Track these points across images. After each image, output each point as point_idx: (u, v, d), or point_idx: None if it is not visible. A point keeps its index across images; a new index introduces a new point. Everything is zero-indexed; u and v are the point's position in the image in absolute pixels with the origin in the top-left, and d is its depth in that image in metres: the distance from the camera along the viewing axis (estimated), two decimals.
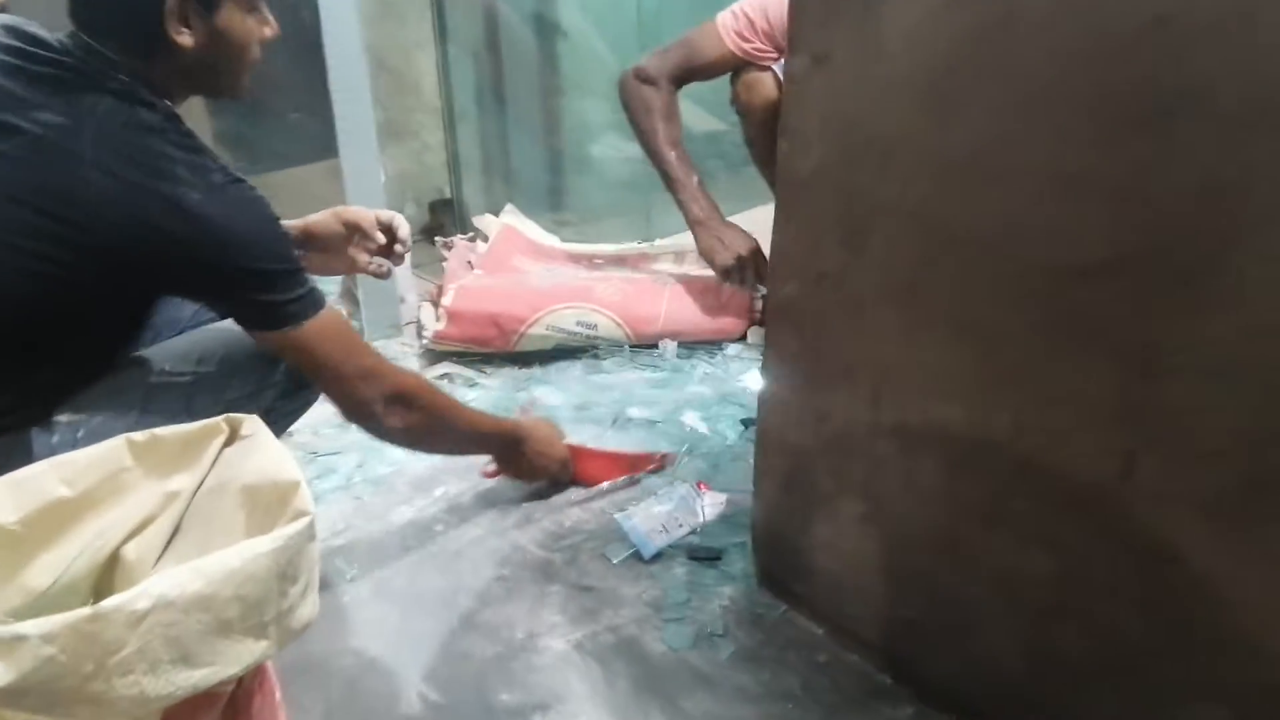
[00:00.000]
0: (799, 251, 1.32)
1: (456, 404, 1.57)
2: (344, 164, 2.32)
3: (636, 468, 1.81)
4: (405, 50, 2.98)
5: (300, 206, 3.23)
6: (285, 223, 1.55)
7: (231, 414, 1.06)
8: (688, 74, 2.33)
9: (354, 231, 1.63)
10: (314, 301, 1.30)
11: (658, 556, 1.62)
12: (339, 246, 1.63)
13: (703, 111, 3.51)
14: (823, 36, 1.19)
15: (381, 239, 1.64)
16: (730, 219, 2.35)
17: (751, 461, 1.81)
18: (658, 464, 1.82)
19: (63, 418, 1.27)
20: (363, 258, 1.65)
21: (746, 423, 1.96)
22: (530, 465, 1.72)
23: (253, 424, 1.05)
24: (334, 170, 3.36)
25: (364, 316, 2.44)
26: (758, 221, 2.44)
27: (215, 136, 2.89)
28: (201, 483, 1.04)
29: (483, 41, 3.00)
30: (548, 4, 2.98)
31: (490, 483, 1.83)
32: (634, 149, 3.18)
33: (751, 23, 2.22)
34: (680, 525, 1.65)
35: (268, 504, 0.96)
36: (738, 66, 2.28)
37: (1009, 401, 1.13)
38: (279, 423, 1.50)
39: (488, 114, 3.09)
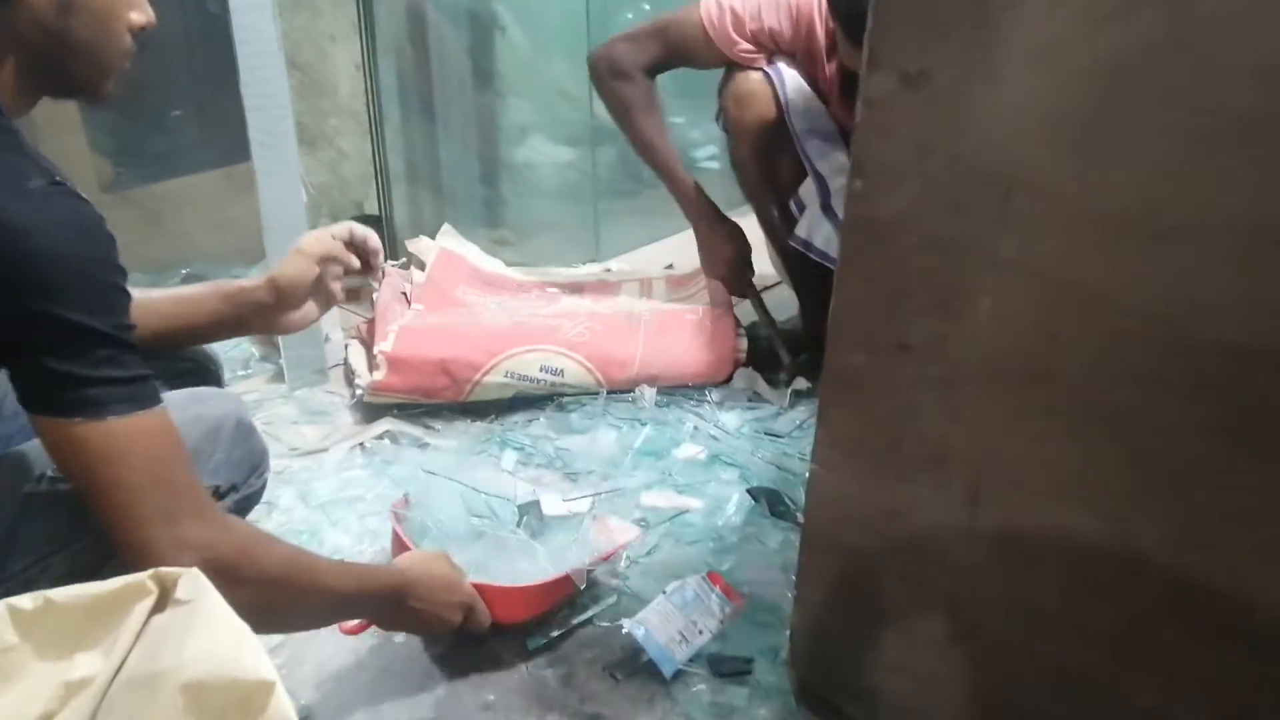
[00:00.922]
0: (871, 314, 1.12)
1: (306, 562, 1.15)
2: (259, 172, 2.07)
3: (557, 593, 1.51)
4: (319, 45, 2.73)
5: (196, 219, 2.99)
6: (246, 282, 1.35)
7: (161, 568, 0.82)
8: (665, 67, 2.19)
9: (326, 264, 1.41)
10: (138, 394, 0.97)
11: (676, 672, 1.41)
12: (315, 289, 1.41)
13: (687, 102, 3.33)
14: (918, 52, 0.99)
15: (356, 261, 1.45)
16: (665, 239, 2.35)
17: (766, 544, 1.64)
18: (572, 590, 1.52)
19: None
20: (336, 286, 1.45)
21: (755, 495, 1.76)
22: (422, 620, 1.34)
23: (192, 583, 0.81)
24: (232, 178, 3.12)
25: (284, 360, 2.18)
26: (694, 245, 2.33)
27: (90, 143, 2.61)
28: (119, 669, 0.78)
29: (407, 36, 2.76)
30: (485, 10, 2.75)
31: None
32: (575, 155, 3.00)
33: (739, 19, 2.02)
34: (700, 632, 1.45)
35: (221, 710, 0.73)
36: (723, 65, 2.08)
37: (1164, 513, 0.95)
38: None
39: (413, 118, 2.85)
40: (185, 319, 1.32)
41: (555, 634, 1.50)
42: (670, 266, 2.59)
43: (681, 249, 2.61)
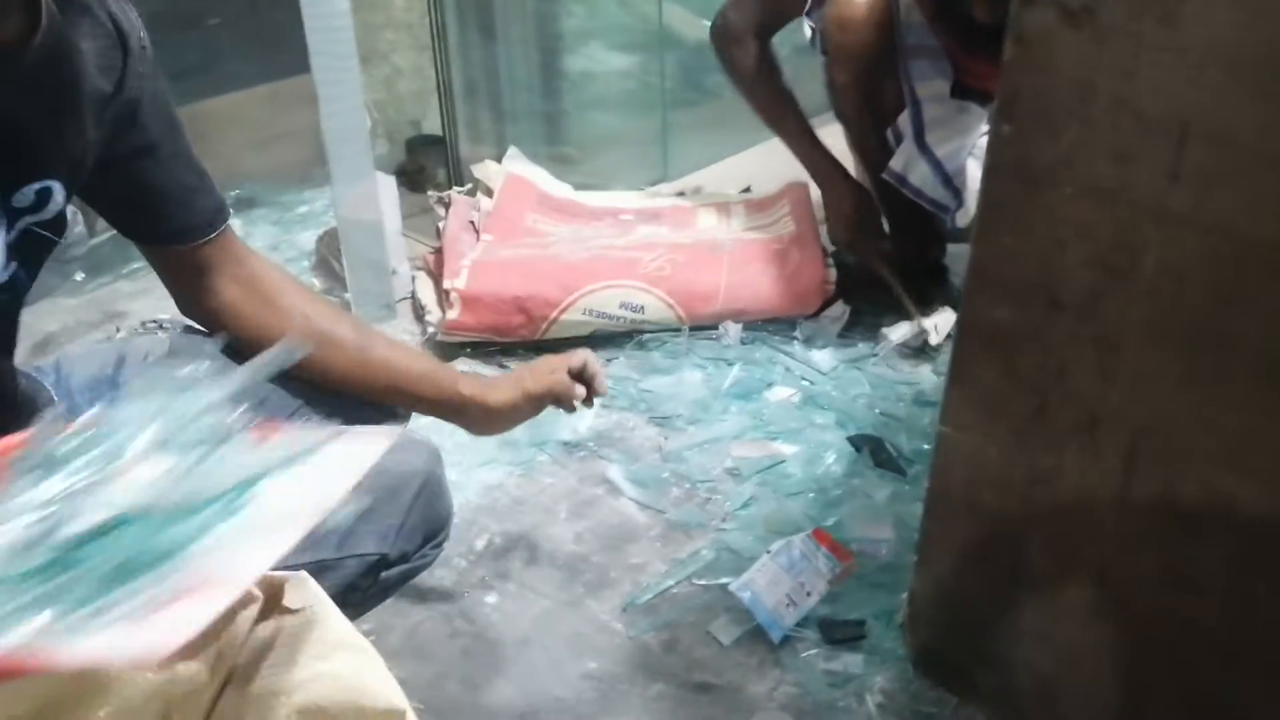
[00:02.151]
0: (1019, 267, 1.08)
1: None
2: (321, 96, 2.02)
3: None
4: None
5: (242, 138, 2.95)
6: (466, 387, 1.30)
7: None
8: (774, 24, 2.16)
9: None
10: None
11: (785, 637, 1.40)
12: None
13: (695, 15, 3.25)
14: None
15: (582, 393, 1.39)
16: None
17: (873, 497, 1.61)
18: None
19: None
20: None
21: (857, 443, 1.73)
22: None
23: (303, 589, 0.77)
24: (278, 95, 3.09)
25: (350, 295, 2.16)
26: (776, 151, 2.29)
27: None
28: (225, 683, 0.75)
29: None
30: None
31: (543, 529, 1.60)
32: (641, 63, 2.94)
33: None
34: (809, 594, 1.43)
35: None
36: None
37: None
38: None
39: (472, 32, 2.79)
40: (392, 381, 1.25)
41: (651, 595, 1.49)
42: (748, 189, 2.54)
43: (755, 165, 2.55)
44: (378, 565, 1.12)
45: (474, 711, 1.35)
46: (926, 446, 1.70)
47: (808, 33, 2.03)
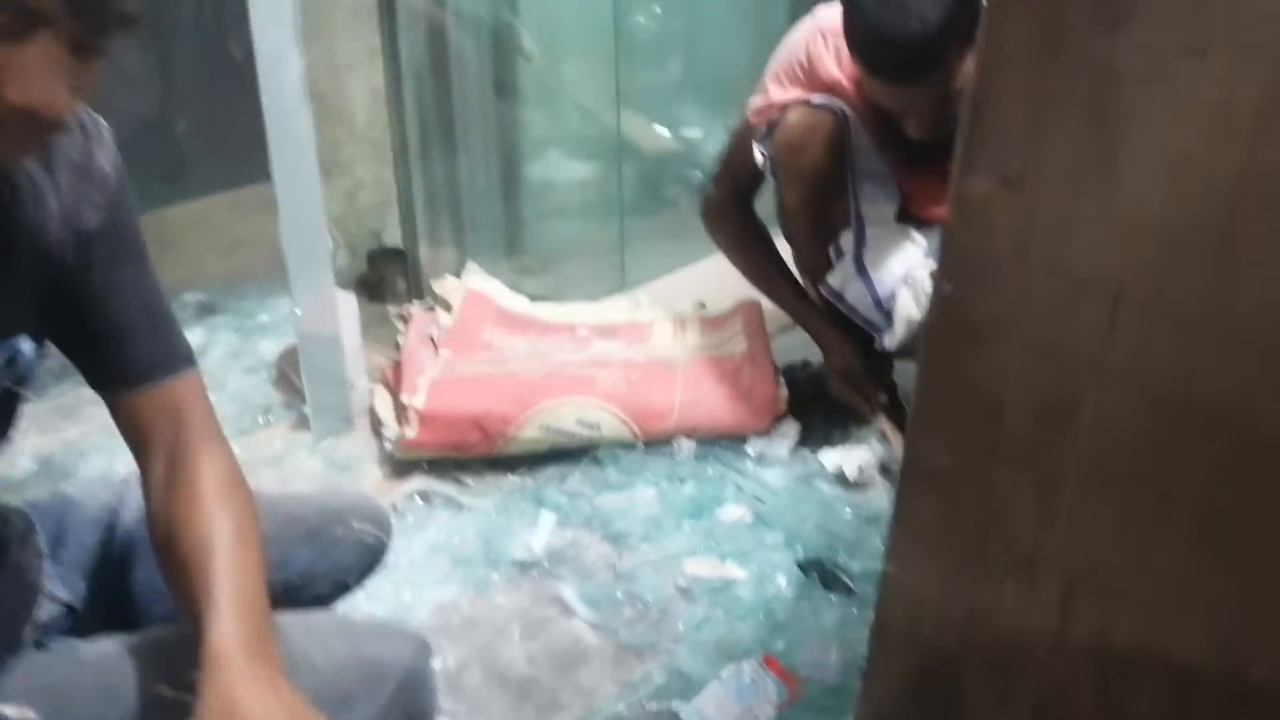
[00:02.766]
0: (960, 416, 1.10)
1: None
2: (282, 212, 2.04)
3: None
4: (335, 74, 2.70)
5: (206, 243, 2.96)
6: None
7: None
8: (750, 188, 2.23)
9: None
10: None
11: None
12: None
13: (653, 126, 3.32)
14: (1021, 154, 0.97)
15: None
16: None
17: (821, 620, 1.62)
18: None
19: None
20: None
21: (805, 567, 1.74)
22: None
23: None
24: (239, 202, 3.11)
25: (308, 409, 2.16)
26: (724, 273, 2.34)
27: None
28: None
29: (428, 61, 2.73)
30: (507, 22, 2.73)
31: (495, 649, 1.60)
32: (599, 173, 3.00)
33: (782, 82, 2.01)
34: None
35: None
36: None
37: None
38: None
39: (431, 143, 2.83)
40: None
41: (603, 718, 1.48)
42: (703, 305, 2.56)
43: (710, 275, 2.58)
44: None
45: None
46: (876, 566, 1.71)
47: (759, 158, 2.07)
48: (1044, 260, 0.98)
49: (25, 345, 0.94)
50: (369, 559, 1.31)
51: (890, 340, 2.08)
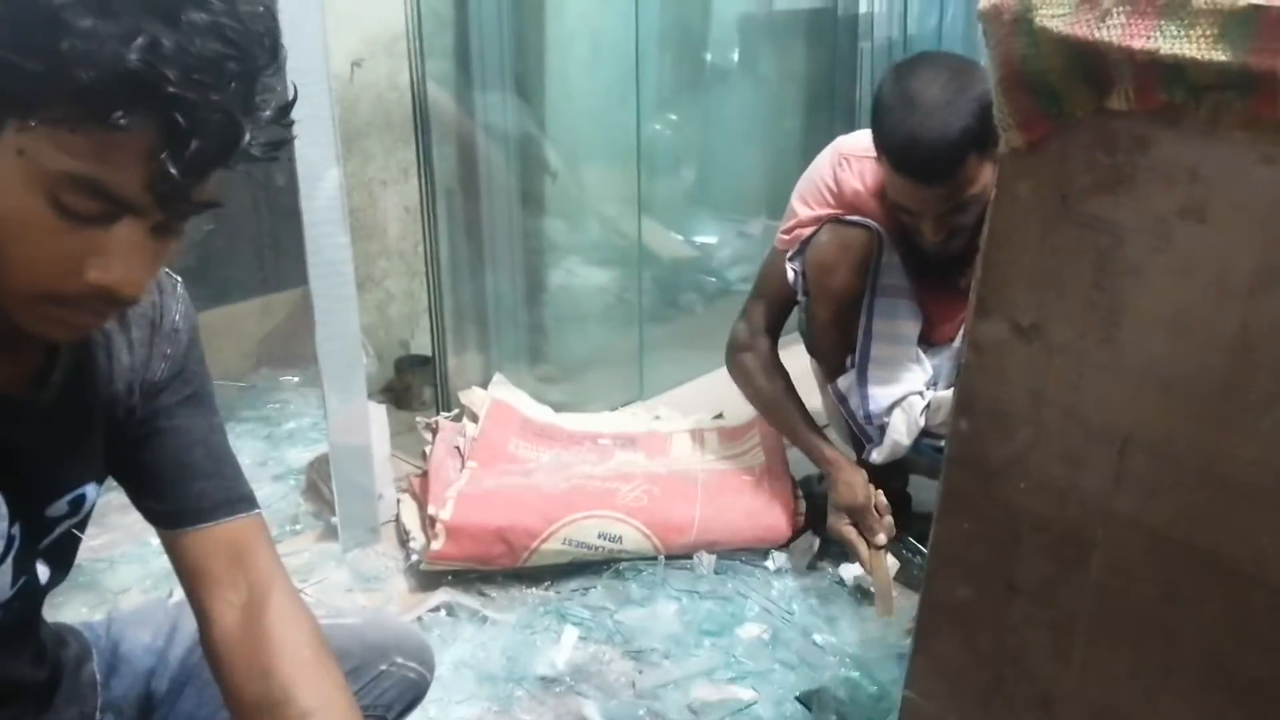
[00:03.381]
0: (978, 552, 1.13)
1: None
2: (318, 322, 2.07)
3: None
4: (369, 190, 2.78)
5: (234, 348, 3.01)
6: None
7: None
8: (778, 317, 2.26)
9: None
10: None
11: None
12: None
13: (669, 233, 3.38)
14: (1032, 305, 1.02)
15: None
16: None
17: None
18: None
19: None
20: None
21: (805, 701, 1.73)
22: None
23: None
24: (268, 309, 3.16)
25: (337, 519, 2.19)
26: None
27: None
28: None
29: (458, 178, 2.80)
30: (536, 140, 2.81)
31: None
32: (615, 277, 3.05)
33: (810, 204, 2.07)
34: None
35: None
36: None
37: None
38: None
39: (461, 258, 2.89)
40: None
41: None
42: (720, 416, 2.60)
43: (725, 389, 2.61)
44: None
45: None
46: (893, 684, 1.72)
47: (790, 275, 2.12)
48: (1057, 406, 1.02)
49: (90, 490, 0.98)
50: (411, 695, 1.32)
51: (877, 455, 2.11)
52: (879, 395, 2.07)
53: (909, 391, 2.07)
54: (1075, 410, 1.01)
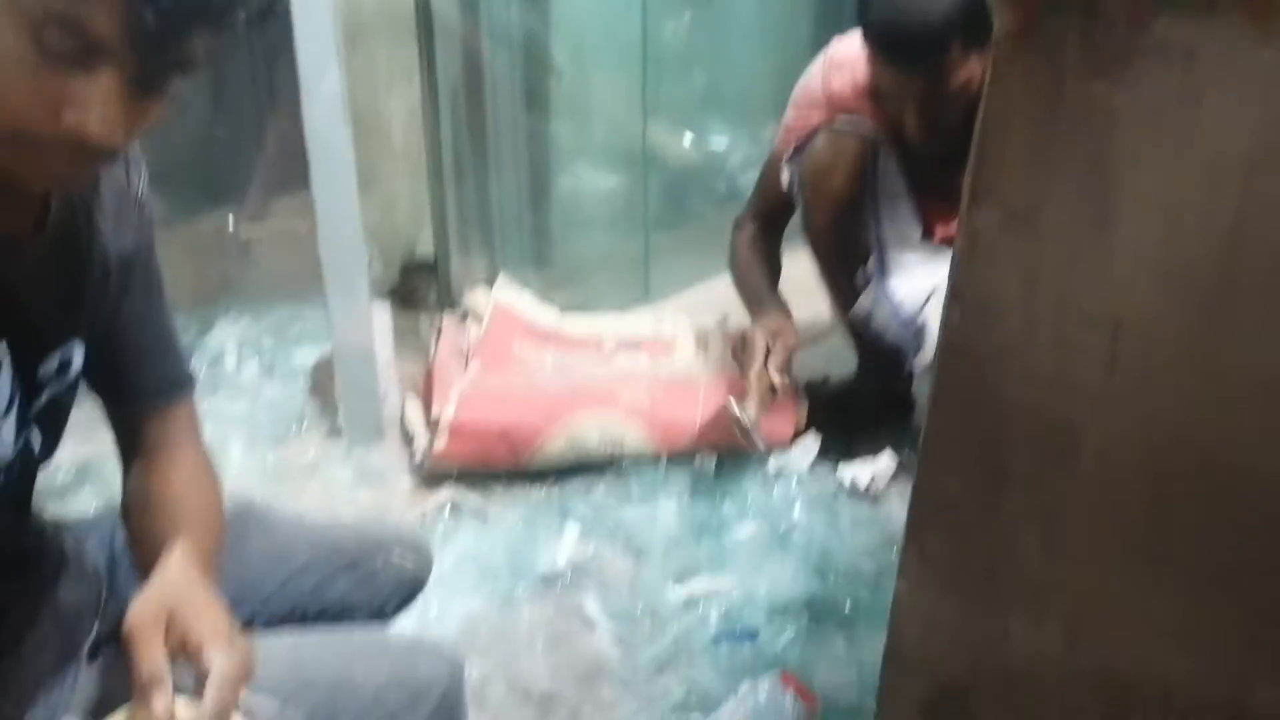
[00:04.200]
0: (967, 441, 1.10)
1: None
2: (320, 221, 2.06)
3: None
4: (373, 90, 2.74)
5: (244, 254, 2.99)
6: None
7: None
8: (773, 213, 2.24)
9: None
10: None
11: None
12: None
13: (679, 138, 3.33)
14: (1025, 189, 0.98)
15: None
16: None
17: (837, 640, 1.63)
18: None
19: None
20: None
21: (812, 615, 1.73)
22: None
23: None
24: (282, 211, 3.13)
25: (341, 419, 2.19)
26: None
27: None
28: None
29: (462, 79, 2.76)
30: (539, 36, 2.76)
31: (519, 662, 1.62)
32: (623, 182, 3.01)
33: (802, 109, 2.03)
34: None
35: None
36: None
37: None
38: None
39: (464, 156, 2.86)
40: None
41: None
42: (726, 320, 2.57)
43: (732, 294, 2.59)
44: None
45: None
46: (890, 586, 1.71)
47: (785, 180, 2.09)
48: (1049, 293, 0.99)
49: (77, 354, 0.98)
50: (408, 590, 1.32)
51: (921, 360, 2.08)
52: (908, 297, 2.04)
53: (935, 284, 2.04)
54: (1067, 297, 0.98)
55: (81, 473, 2.09)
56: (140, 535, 1.05)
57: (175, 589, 0.92)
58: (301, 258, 2.57)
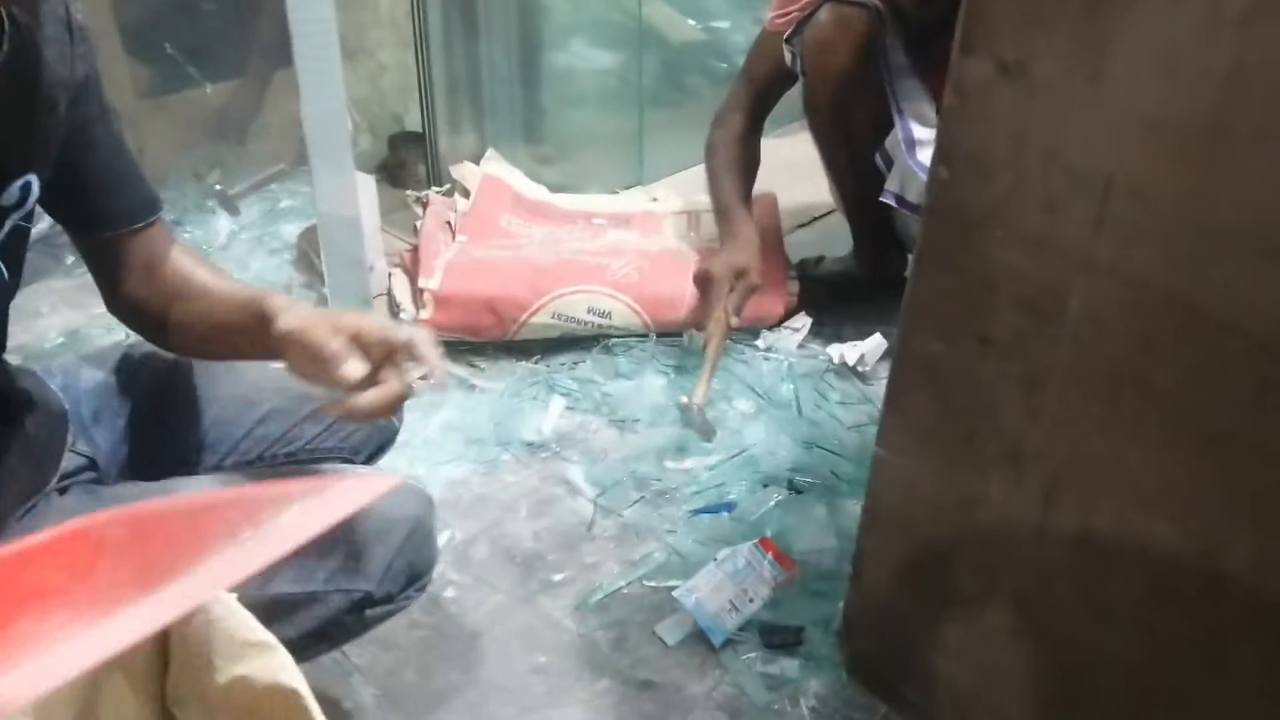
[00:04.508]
0: (951, 305, 1.10)
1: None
2: (303, 95, 2.02)
3: None
4: None
5: (227, 129, 2.94)
6: (276, 313, 1.02)
7: None
8: (764, 98, 2.20)
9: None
10: None
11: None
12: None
13: (678, 14, 3.26)
14: (1017, 41, 0.96)
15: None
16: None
17: (819, 511, 1.63)
18: None
19: None
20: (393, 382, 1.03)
21: (792, 484, 1.73)
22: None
23: None
24: (269, 85, 3.07)
25: (327, 289, 2.17)
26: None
27: (124, 47, 2.55)
28: None
29: None
30: None
31: (503, 526, 1.63)
32: (620, 62, 2.95)
33: None
34: (751, 600, 1.45)
35: None
36: None
37: (1254, 533, 0.94)
38: None
39: (454, 28, 2.79)
40: (218, 325, 1.13)
41: (603, 595, 1.51)
42: None
43: None
44: (362, 602, 1.11)
45: (427, 698, 1.37)
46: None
47: (788, 56, 2.04)
48: (1039, 149, 0.97)
49: (35, 180, 0.97)
50: (379, 440, 1.33)
51: None
52: None
53: None
54: (1058, 153, 0.96)
55: (71, 339, 2.09)
56: (200, 305, 1.13)
57: (316, 312, 1.02)
58: (291, 133, 2.53)
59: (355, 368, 0.97)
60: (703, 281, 2.02)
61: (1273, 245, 0.84)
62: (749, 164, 2.22)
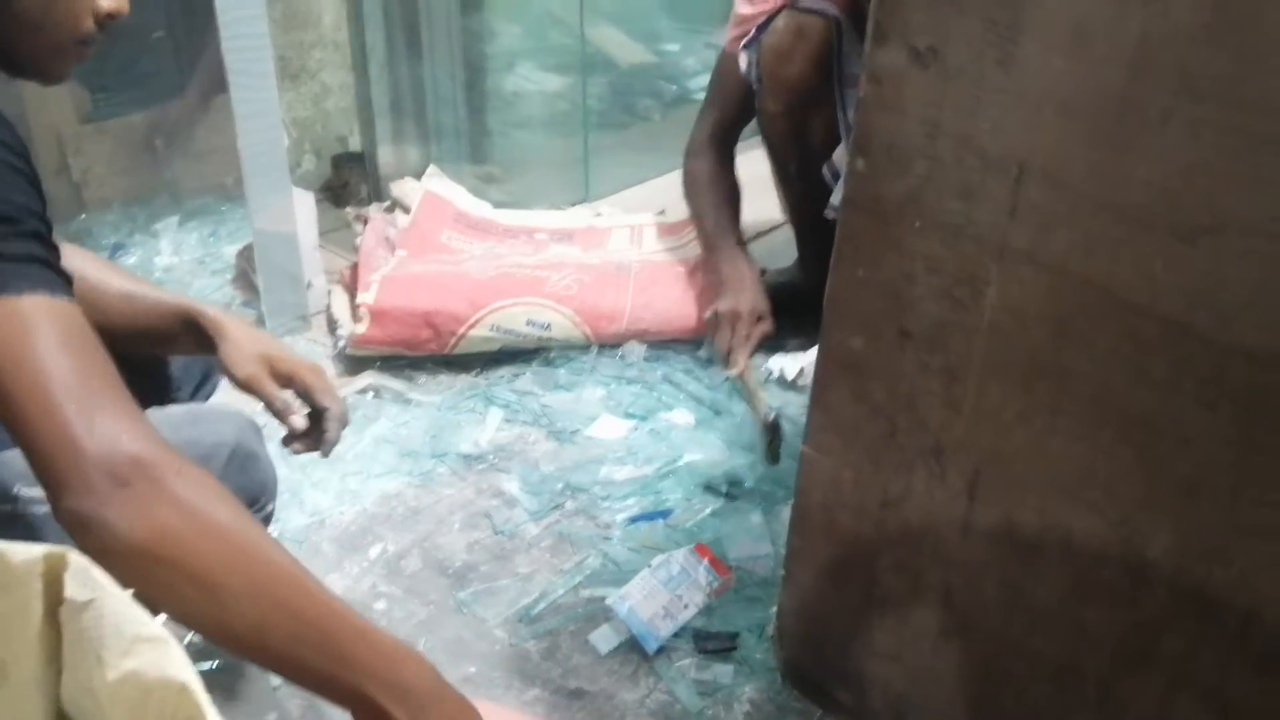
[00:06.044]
0: (871, 298, 1.07)
1: (253, 527, 0.84)
2: (238, 115, 1.98)
3: None
4: None
5: (172, 150, 2.88)
6: (203, 315, 1.19)
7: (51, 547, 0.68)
8: (732, 123, 2.17)
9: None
10: (47, 279, 0.82)
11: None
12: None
13: (627, 39, 3.24)
14: (929, 27, 0.94)
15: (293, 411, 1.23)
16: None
17: (753, 516, 1.60)
18: None
19: None
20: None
21: (729, 492, 1.70)
22: None
23: (86, 577, 0.68)
24: (213, 108, 3.02)
25: (264, 306, 2.12)
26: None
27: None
28: None
29: None
30: None
31: (436, 538, 1.58)
32: (565, 84, 2.93)
33: (759, 7, 1.95)
34: (686, 607, 1.42)
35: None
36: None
37: (1175, 521, 0.92)
38: None
39: (399, 49, 2.76)
40: (137, 323, 1.18)
41: (536, 604, 1.47)
42: (662, 212, 2.52)
43: (674, 189, 2.53)
44: None
45: None
46: None
47: (743, 64, 2.01)
48: (952, 136, 0.95)
49: None
50: (199, 372, 1.34)
51: None
52: None
53: None
54: (971, 140, 0.94)
55: None
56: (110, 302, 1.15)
57: (253, 337, 1.20)
58: (228, 157, 2.48)
59: (299, 421, 1.21)
60: (713, 325, 2.00)
61: (1184, 225, 0.82)
62: (734, 197, 2.19)
